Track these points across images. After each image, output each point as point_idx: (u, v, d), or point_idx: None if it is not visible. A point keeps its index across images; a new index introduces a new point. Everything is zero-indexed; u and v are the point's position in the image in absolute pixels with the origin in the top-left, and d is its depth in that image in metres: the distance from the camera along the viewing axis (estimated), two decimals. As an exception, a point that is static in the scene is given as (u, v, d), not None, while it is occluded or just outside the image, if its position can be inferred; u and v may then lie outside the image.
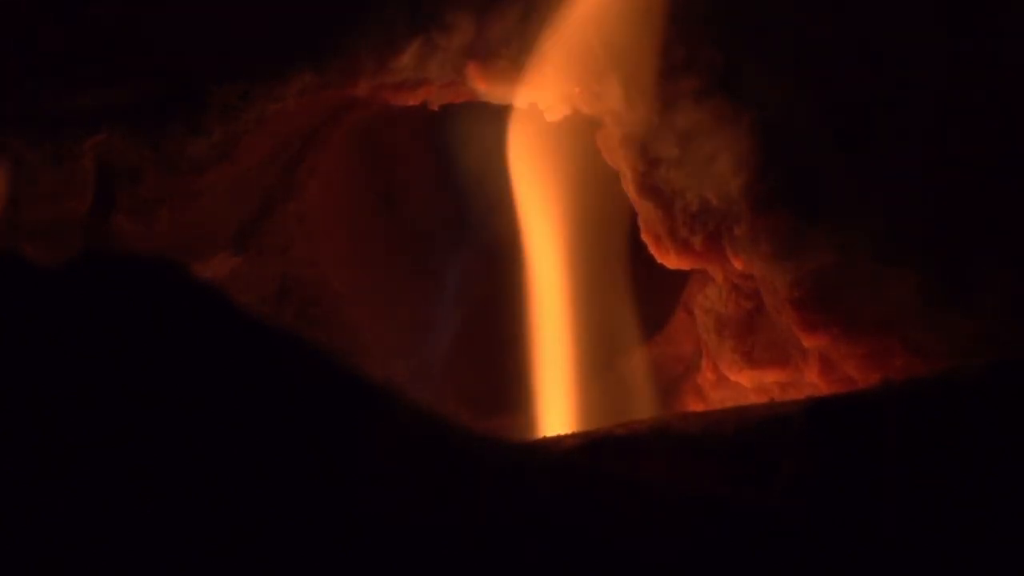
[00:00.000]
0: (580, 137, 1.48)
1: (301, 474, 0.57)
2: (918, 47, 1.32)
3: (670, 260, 1.40)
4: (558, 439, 1.05)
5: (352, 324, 1.75)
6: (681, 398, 1.58)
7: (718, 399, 1.50)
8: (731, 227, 1.34)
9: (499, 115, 1.53)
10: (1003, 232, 1.27)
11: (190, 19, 1.43)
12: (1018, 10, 1.32)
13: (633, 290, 1.56)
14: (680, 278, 1.60)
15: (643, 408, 1.53)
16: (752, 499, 0.79)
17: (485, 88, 1.45)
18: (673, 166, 1.37)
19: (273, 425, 0.58)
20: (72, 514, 0.52)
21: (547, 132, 1.49)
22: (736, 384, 1.45)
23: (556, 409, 1.51)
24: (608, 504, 0.66)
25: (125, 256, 0.63)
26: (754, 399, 1.41)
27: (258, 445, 0.57)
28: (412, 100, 1.51)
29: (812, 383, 1.34)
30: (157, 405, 0.57)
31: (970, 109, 1.30)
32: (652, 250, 1.41)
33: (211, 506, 0.54)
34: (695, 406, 1.52)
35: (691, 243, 1.38)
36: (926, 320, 1.25)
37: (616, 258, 1.53)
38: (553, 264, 1.51)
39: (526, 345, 1.54)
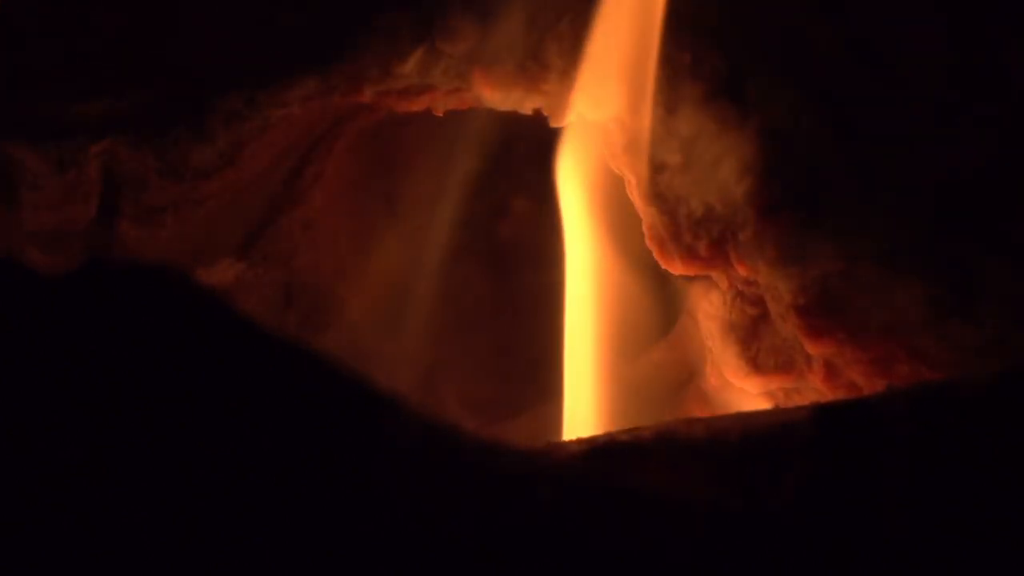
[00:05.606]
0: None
1: (304, 483, 0.57)
2: (922, 52, 1.32)
3: (674, 266, 1.40)
4: (563, 445, 1.05)
5: (356, 331, 1.75)
6: (685, 404, 1.58)
7: (723, 405, 1.50)
8: (735, 233, 1.34)
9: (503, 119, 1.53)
10: (1011, 240, 1.26)
11: (194, 26, 1.43)
12: (1020, 14, 1.32)
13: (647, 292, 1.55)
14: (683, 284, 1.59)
15: (648, 414, 1.52)
16: (757, 505, 0.79)
17: (490, 94, 1.45)
18: (677, 172, 1.37)
19: (276, 433, 0.58)
20: (74, 527, 0.52)
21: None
22: (741, 390, 1.45)
23: (580, 404, 1.50)
24: (613, 511, 0.66)
25: (129, 263, 0.63)
26: (759, 405, 1.41)
27: (262, 454, 0.57)
28: (416, 106, 1.51)
29: (817, 389, 1.34)
30: (159, 413, 0.57)
31: (976, 115, 1.30)
32: (656, 256, 1.41)
33: (212, 514, 0.54)
34: (700, 412, 1.52)
35: (695, 249, 1.38)
36: (932, 327, 1.25)
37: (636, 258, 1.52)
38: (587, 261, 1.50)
39: (545, 344, 1.53)
